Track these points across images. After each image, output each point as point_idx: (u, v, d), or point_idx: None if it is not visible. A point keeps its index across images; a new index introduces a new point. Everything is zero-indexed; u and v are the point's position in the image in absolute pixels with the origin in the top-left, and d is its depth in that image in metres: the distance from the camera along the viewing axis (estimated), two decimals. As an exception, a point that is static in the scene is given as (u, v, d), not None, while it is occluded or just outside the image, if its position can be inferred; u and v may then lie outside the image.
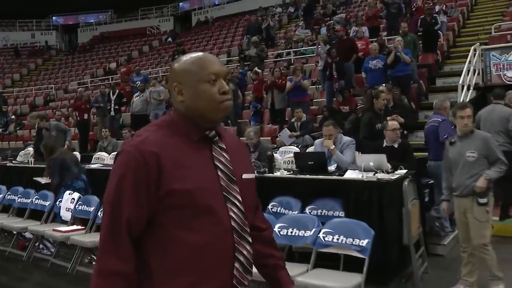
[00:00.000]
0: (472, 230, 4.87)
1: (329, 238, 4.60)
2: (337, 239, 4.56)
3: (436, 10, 15.00)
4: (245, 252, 1.77)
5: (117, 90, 14.90)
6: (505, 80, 10.50)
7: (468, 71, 10.71)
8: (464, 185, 4.84)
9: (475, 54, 11.16)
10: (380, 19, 15.54)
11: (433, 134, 6.88)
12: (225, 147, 1.81)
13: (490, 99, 8.31)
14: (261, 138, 8.36)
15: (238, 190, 1.77)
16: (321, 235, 4.65)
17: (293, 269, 4.34)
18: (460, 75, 10.57)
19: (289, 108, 11.84)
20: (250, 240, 1.80)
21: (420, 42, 12.80)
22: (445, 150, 5.14)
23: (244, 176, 1.84)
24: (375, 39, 13.18)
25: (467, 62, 10.66)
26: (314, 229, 4.74)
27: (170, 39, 28.54)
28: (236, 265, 1.75)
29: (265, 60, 16.53)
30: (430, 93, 11.92)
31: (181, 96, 1.76)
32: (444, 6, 15.47)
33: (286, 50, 17.48)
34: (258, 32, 18.71)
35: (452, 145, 5.02)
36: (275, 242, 2.07)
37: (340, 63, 11.76)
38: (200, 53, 1.83)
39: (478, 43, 11.73)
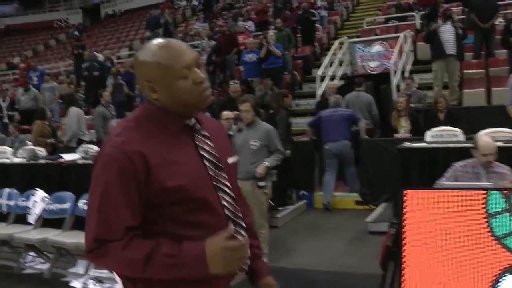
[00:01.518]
0: (253, 210, 5.51)
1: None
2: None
3: (318, 5, 16.06)
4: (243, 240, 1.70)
5: (8, 98, 14.48)
6: (368, 70, 11.52)
7: (335, 62, 11.72)
8: (246, 170, 5.23)
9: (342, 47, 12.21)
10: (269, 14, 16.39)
11: (344, 121, 8.09)
12: (207, 133, 1.75)
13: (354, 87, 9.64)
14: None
15: (226, 177, 1.73)
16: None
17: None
18: (335, 66, 11.66)
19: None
20: (245, 226, 1.77)
21: (299, 35, 13.81)
22: (233, 136, 5.62)
23: (229, 160, 1.80)
24: (260, 33, 14.03)
25: (329, 55, 11.66)
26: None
27: (76, 32, 28.30)
28: None
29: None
30: (305, 83, 12.90)
31: (154, 93, 1.65)
32: (326, 2, 16.50)
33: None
34: (157, 27, 19.10)
35: (239, 132, 5.58)
36: (254, 230, 1.97)
37: (222, 57, 12.51)
38: (166, 41, 1.69)
39: (346, 37, 12.78)
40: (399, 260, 3.56)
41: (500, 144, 5.21)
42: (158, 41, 1.69)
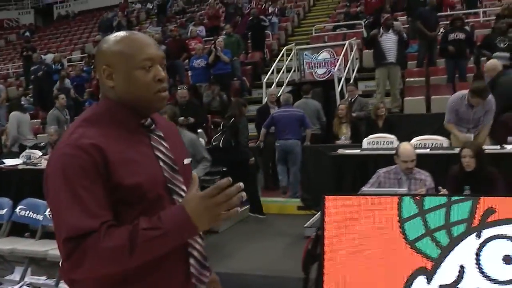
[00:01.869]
0: None
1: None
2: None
3: (270, 11, 16.27)
4: (197, 246, 1.67)
5: None
6: (316, 77, 11.76)
7: (282, 69, 11.92)
8: None
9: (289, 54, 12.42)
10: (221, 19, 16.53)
11: (296, 121, 8.44)
12: (162, 134, 1.69)
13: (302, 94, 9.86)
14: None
15: (182, 180, 1.67)
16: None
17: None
18: (284, 72, 11.85)
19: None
20: (200, 232, 1.66)
21: (250, 41, 13.98)
22: None
23: (185, 161, 1.75)
24: (211, 38, 14.14)
25: (277, 61, 11.87)
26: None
27: (28, 33, 27.76)
28: (191, 261, 1.64)
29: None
30: (254, 89, 13.05)
31: (111, 80, 1.61)
32: (277, 8, 16.73)
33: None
34: (109, 30, 18.95)
35: None
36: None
37: (171, 61, 12.53)
38: (132, 32, 1.68)
39: (294, 43, 13.01)
40: (320, 264, 3.71)
41: (426, 151, 5.46)
42: (124, 32, 1.67)
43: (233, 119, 8.16)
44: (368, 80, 11.58)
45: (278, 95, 10.29)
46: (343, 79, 10.80)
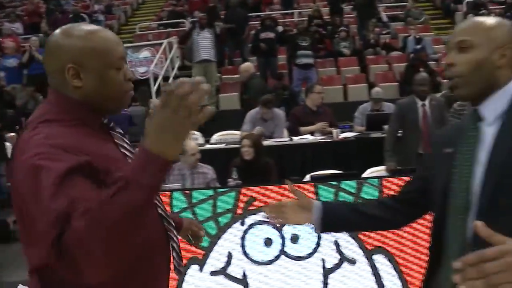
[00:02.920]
0: None
1: None
2: None
3: (95, 8, 15.90)
4: (175, 239, 1.63)
5: None
6: (138, 76, 11.73)
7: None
8: None
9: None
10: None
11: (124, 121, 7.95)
12: (122, 131, 1.60)
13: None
14: None
15: None
16: None
17: None
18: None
19: None
20: (174, 225, 1.65)
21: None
22: None
23: None
24: (30, 36, 13.42)
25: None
26: None
27: None
28: (173, 254, 1.62)
29: None
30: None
31: (77, 80, 1.46)
32: (103, 6, 16.39)
33: None
34: None
35: None
36: None
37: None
38: (99, 28, 1.54)
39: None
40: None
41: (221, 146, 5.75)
42: (88, 26, 1.52)
43: None
44: (189, 77, 11.76)
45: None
46: (160, 77, 10.89)
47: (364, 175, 4.86)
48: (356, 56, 11.93)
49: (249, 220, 3.78)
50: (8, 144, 7.56)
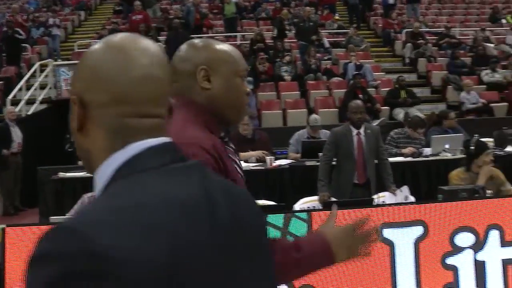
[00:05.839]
0: None
1: None
2: None
3: (50, 22, 15.44)
4: None
5: None
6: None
7: (34, 86, 11.28)
8: None
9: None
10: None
11: None
12: (234, 147, 1.64)
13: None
14: None
15: None
16: None
17: None
18: (37, 89, 11.20)
19: None
20: None
21: (4, 55, 13.03)
22: None
23: None
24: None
25: (26, 77, 11.22)
26: None
27: None
28: None
29: None
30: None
31: (207, 83, 1.52)
32: (58, 20, 15.95)
33: None
34: None
35: None
36: None
37: None
38: (225, 44, 1.62)
39: (52, 60, 12.43)
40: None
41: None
42: (214, 41, 1.62)
43: None
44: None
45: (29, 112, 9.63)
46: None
47: (296, 205, 4.70)
48: (296, 81, 11.92)
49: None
50: None
